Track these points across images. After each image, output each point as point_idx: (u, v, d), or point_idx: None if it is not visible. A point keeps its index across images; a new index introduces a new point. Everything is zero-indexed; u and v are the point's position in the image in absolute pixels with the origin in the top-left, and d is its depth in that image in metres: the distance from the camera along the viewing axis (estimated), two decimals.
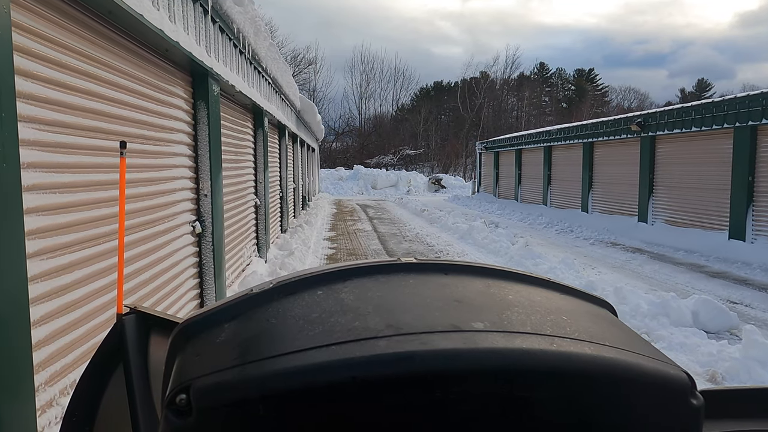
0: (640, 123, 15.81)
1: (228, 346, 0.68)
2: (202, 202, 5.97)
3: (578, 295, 0.89)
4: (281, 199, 13.43)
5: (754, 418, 0.94)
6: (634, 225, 16.06)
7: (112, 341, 0.97)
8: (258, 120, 9.83)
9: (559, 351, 0.65)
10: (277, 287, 0.79)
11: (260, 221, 9.96)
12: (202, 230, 5.89)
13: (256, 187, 9.87)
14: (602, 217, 17.85)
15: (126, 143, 1.43)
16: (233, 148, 8.00)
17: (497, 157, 28.82)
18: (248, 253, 9.05)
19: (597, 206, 18.78)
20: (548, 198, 22.44)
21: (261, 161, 9.86)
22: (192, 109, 5.87)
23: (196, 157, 5.94)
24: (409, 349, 0.62)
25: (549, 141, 22.15)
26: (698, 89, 71.38)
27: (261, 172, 9.88)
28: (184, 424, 0.60)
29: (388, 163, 50.67)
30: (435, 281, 0.82)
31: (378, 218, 19.94)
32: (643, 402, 0.66)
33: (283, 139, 13.51)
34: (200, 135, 5.94)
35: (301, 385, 0.60)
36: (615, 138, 17.44)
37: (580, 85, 70.77)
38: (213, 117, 6.03)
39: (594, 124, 18.80)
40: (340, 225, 17.60)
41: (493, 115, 58.92)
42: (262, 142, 9.85)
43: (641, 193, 16.06)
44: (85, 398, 0.97)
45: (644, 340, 0.78)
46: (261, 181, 9.89)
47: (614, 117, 17.81)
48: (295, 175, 17.09)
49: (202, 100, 5.91)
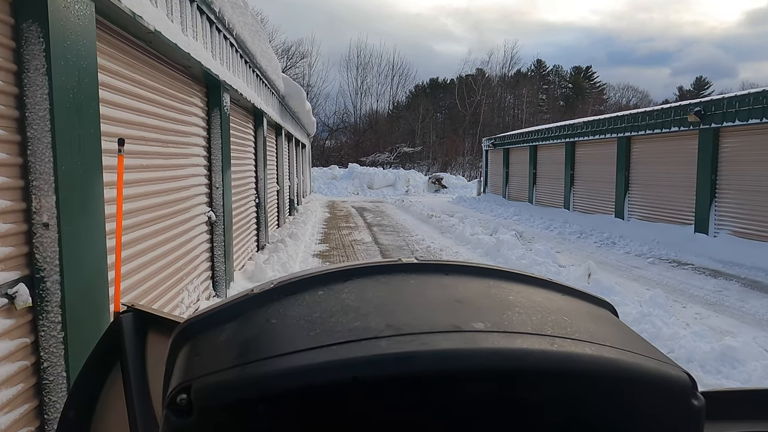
0: (700, 112, 12.67)
1: (229, 346, 0.66)
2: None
3: (579, 295, 0.86)
4: (257, 207, 10.19)
5: (756, 420, 0.91)
6: (690, 236, 12.93)
7: (110, 339, 0.97)
8: (213, 96, 6.60)
9: (559, 351, 0.63)
10: (278, 287, 0.76)
11: (217, 245, 6.72)
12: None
13: (212, 193, 6.64)
14: (644, 225, 14.71)
15: (124, 140, 1.64)
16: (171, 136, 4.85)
17: (507, 155, 25.62)
18: (191, 294, 5.82)
19: (635, 212, 15.64)
20: (571, 201, 19.28)
21: (218, 157, 6.63)
22: None
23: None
24: (410, 349, 0.60)
25: (572, 136, 18.99)
26: (696, 87, 69.09)
27: (218, 173, 6.64)
28: (185, 424, 0.58)
29: (385, 161, 47.33)
30: (436, 281, 0.80)
31: (378, 225, 16.70)
32: (644, 402, 0.64)
33: (261, 129, 10.27)
34: None
35: (302, 385, 0.58)
36: (661, 131, 14.30)
37: (577, 82, 68.20)
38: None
39: (633, 116, 15.64)
40: (334, 235, 14.37)
41: (490, 113, 55.80)
42: (219, 128, 6.62)
43: (699, 198, 12.93)
44: (82, 397, 0.96)
45: (645, 340, 0.76)
46: (218, 185, 6.65)
47: (661, 106, 14.65)
48: (279, 175, 13.82)
49: None
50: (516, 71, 61.21)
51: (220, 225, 6.67)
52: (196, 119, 6.14)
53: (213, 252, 6.70)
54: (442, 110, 58.44)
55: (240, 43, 7.27)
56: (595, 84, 70.07)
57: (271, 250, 9.96)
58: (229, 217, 6.98)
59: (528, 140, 22.90)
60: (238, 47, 7.26)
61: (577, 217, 17.51)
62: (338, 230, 15.36)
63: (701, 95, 54.66)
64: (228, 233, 6.83)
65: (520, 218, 18.80)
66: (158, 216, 4.84)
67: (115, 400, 0.93)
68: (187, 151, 5.78)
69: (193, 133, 6.01)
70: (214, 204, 6.61)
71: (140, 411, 0.90)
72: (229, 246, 6.94)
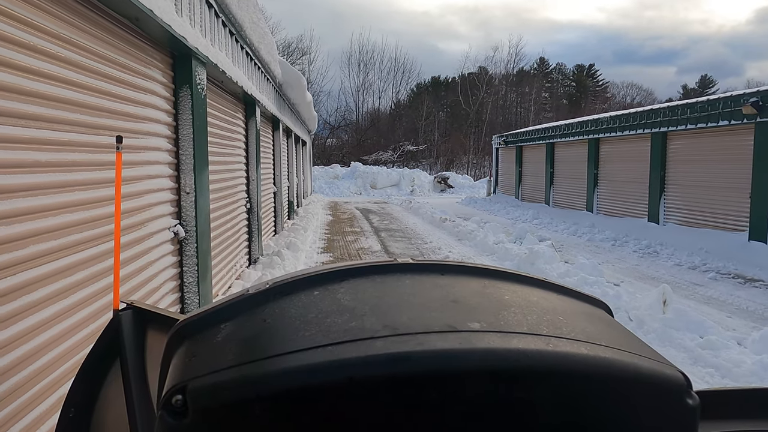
0: (757, 103, 10.92)
1: (224, 346, 0.65)
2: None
3: (574, 295, 0.85)
4: (249, 214, 8.43)
5: (750, 419, 0.91)
6: (744, 245, 11.17)
7: (109, 337, 0.96)
8: (181, 70, 4.83)
9: (555, 351, 0.63)
10: (274, 288, 0.75)
11: (189, 268, 4.96)
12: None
13: (180, 203, 4.88)
14: (685, 231, 12.95)
15: (122, 137, 1.50)
16: None
17: (520, 153, 23.84)
18: None
19: (673, 216, 13.88)
20: (594, 203, 17.52)
21: (188, 152, 4.86)
22: None
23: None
24: (406, 349, 0.60)
25: (597, 132, 17.22)
26: (701, 86, 67.52)
27: (188, 174, 4.88)
28: (180, 424, 0.58)
29: (388, 159, 45.47)
30: (431, 282, 0.79)
31: (386, 230, 14.95)
32: (639, 402, 0.64)
33: (253, 121, 8.51)
34: None
35: (298, 385, 0.57)
36: (706, 126, 12.54)
37: (580, 80, 66.56)
38: None
39: (671, 109, 13.87)
40: (338, 242, 12.62)
41: (494, 110, 53.96)
42: (190, 113, 4.85)
43: (755, 203, 11.17)
44: (82, 393, 0.95)
45: (640, 340, 0.75)
46: (189, 190, 4.89)
47: (707, 98, 12.88)
48: (277, 175, 12.05)
49: None
50: (519, 69, 59.44)
51: (191, 243, 4.92)
52: (156, 99, 4.39)
53: (182, 278, 4.95)
54: (444, 108, 56.53)
55: (220, 4, 5.51)
56: (599, 82, 68.53)
57: (266, 265, 8.20)
58: (206, 231, 5.22)
59: (545, 137, 21.12)
60: (218, 10, 5.50)
61: (604, 221, 15.74)
62: (342, 236, 13.61)
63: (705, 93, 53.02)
64: (203, 253, 5.07)
65: (540, 222, 17.01)
66: (93, 236, 3.16)
67: (114, 398, 0.93)
68: (139, 143, 4.03)
69: (150, 119, 4.25)
70: (184, 215, 4.85)
71: (139, 408, 0.89)
72: (206, 268, 5.19)
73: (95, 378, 0.95)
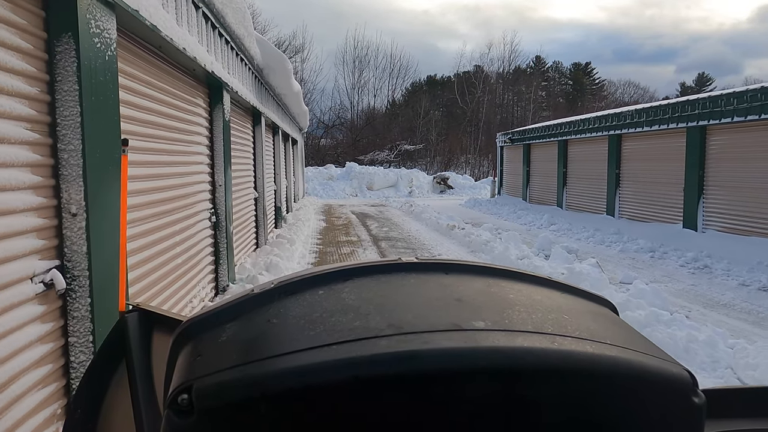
0: None
1: (229, 346, 0.64)
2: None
3: (579, 293, 0.83)
4: (215, 230, 6.43)
5: (756, 418, 0.88)
6: None
7: (115, 339, 0.95)
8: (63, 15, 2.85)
9: (560, 349, 0.61)
10: (278, 287, 0.74)
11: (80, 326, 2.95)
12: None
13: (61, 228, 2.88)
14: (732, 239, 11.03)
15: (128, 141, 1.43)
16: None
17: (528, 152, 21.91)
18: None
19: (714, 222, 11.96)
20: (616, 206, 15.60)
21: (73, 145, 2.87)
22: None
23: None
24: (411, 348, 0.59)
25: (618, 128, 15.30)
26: (698, 83, 65.99)
27: (73, 183, 2.87)
28: (186, 424, 0.57)
29: (384, 159, 43.39)
30: (436, 281, 0.78)
31: (386, 238, 12.96)
32: (645, 400, 0.62)
33: (220, 111, 6.51)
34: None
35: (303, 384, 0.56)
36: (759, 118, 10.62)
37: (577, 79, 64.87)
38: None
39: (711, 100, 11.95)
40: (331, 255, 10.63)
41: (491, 109, 52.03)
42: (76, 80, 2.86)
43: None
44: (88, 395, 0.94)
45: (646, 338, 0.73)
46: (78, 209, 2.88)
47: (761, 85, 10.95)
48: (259, 178, 10.04)
49: None
50: (516, 68, 57.52)
51: (83, 292, 2.92)
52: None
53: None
54: (440, 108, 54.50)
55: None
56: (595, 80, 66.87)
57: None
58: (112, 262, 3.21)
59: (556, 134, 19.18)
60: None
61: (631, 227, 13.82)
62: (337, 247, 11.62)
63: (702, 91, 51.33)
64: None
65: (558, 228, 15.04)
66: None
67: (120, 399, 0.92)
68: None
69: None
70: (68, 251, 2.87)
71: (146, 409, 0.88)
72: None
73: (102, 380, 0.93)
